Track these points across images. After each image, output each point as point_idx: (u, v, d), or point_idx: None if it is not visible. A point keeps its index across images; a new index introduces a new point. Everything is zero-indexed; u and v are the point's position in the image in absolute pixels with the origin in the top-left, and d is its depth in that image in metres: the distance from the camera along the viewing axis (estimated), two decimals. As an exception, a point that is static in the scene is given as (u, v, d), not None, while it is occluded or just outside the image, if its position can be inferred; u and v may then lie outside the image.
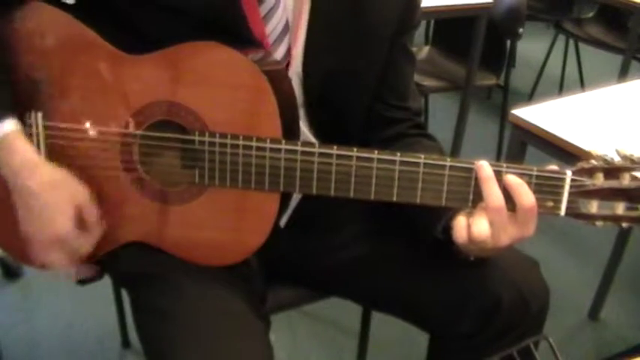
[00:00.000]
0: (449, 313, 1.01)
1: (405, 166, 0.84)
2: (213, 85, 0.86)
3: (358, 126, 1.04)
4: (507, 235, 0.84)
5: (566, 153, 1.27)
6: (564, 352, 0.81)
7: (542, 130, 1.34)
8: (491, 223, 0.83)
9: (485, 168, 0.83)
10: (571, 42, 3.43)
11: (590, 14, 3.40)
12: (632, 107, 1.49)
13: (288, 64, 0.94)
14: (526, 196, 0.82)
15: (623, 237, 1.93)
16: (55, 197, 0.87)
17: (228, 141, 0.86)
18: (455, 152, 2.75)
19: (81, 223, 0.90)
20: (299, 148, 0.85)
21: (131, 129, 0.89)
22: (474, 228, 0.83)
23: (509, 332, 0.97)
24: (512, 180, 0.83)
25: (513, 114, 1.41)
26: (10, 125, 0.86)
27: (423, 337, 1.11)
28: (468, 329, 0.99)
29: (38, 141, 0.91)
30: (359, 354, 1.64)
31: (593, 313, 2.03)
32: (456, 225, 0.86)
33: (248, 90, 0.85)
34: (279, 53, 0.93)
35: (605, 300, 2.02)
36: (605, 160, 0.83)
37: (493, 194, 0.82)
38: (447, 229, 0.90)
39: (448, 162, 0.84)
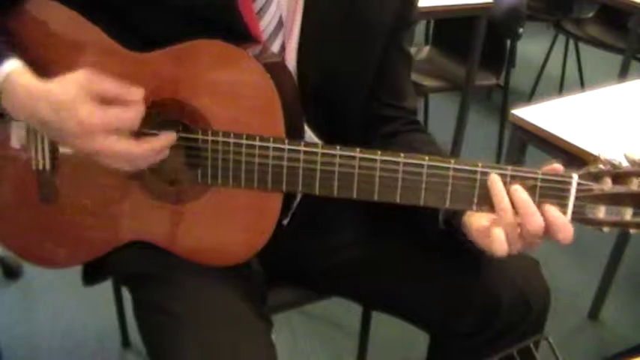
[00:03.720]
0: (449, 313, 1.01)
1: (409, 167, 0.84)
2: (216, 82, 0.86)
3: (355, 123, 1.04)
4: (516, 249, 0.84)
5: (567, 153, 1.27)
6: (564, 352, 0.81)
7: (542, 130, 1.34)
8: (506, 238, 0.82)
9: (497, 183, 0.82)
10: (571, 42, 3.43)
11: (590, 14, 3.40)
12: (632, 107, 1.49)
13: (282, 60, 0.94)
14: (533, 217, 0.81)
15: (623, 237, 1.93)
16: (62, 102, 0.81)
17: (232, 140, 0.86)
18: (455, 152, 2.75)
19: (105, 100, 0.81)
20: (302, 148, 0.85)
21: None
22: (494, 246, 0.83)
23: (509, 332, 0.97)
24: (519, 197, 0.81)
25: (513, 114, 1.41)
26: (12, 64, 0.84)
27: (423, 337, 1.11)
28: (469, 329, 0.99)
29: (42, 140, 0.92)
30: (359, 354, 1.64)
31: (593, 313, 2.03)
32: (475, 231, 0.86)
33: (251, 87, 0.85)
34: (273, 49, 0.93)
35: (605, 300, 2.02)
36: (612, 165, 0.81)
37: (504, 211, 0.81)
38: (448, 221, 0.90)
39: (452, 165, 0.83)
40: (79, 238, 0.97)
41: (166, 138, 0.85)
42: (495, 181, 0.82)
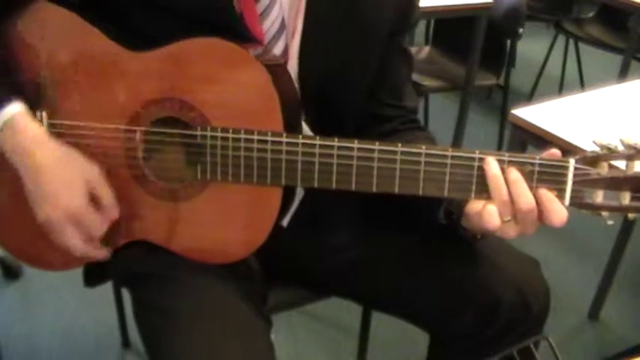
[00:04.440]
0: (449, 313, 1.01)
1: (407, 157, 0.84)
2: (215, 80, 0.86)
3: (355, 123, 1.04)
4: (513, 231, 0.84)
5: (567, 153, 1.27)
6: (564, 352, 0.81)
7: (542, 130, 1.35)
8: (519, 222, 0.83)
9: (491, 165, 0.82)
10: (571, 42, 3.43)
11: (590, 14, 3.40)
12: (632, 107, 1.49)
13: (285, 62, 0.95)
14: (523, 195, 0.81)
15: (623, 237, 1.93)
16: (66, 171, 0.86)
17: (230, 135, 0.86)
18: (455, 152, 2.75)
19: (94, 200, 0.88)
20: (300, 140, 0.85)
21: (135, 126, 0.89)
22: (484, 217, 0.83)
23: (509, 332, 0.97)
24: (512, 175, 0.82)
25: (513, 114, 1.41)
26: (16, 107, 0.85)
27: (423, 337, 1.11)
28: (469, 329, 0.99)
29: None
30: (359, 354, 1.64)
31: (593, 313, 2.03)
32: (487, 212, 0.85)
33: (251, 85, 0.85)
34: (276, 51, 0.94)
35: (605, 300, 2.02)
36: (609, 149, 0.82)
37: (498, 192, 0.82)
38: (449, 214, 0.90)
39: (450, 152, 0.83)
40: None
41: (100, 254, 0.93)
42: (491, 163, 0.82)
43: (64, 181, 0.86)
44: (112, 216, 0.90)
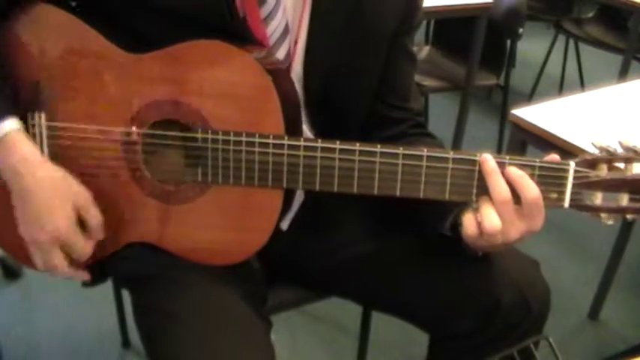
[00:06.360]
0: (449, 313, 1.01)
1: (408, 160, 0.84)
2: (216, 83, 0.86)
3: (359, 126, 1.04)
4: (516, 230, 0.83)
5: (567, 153, 1.27)
6: (564, 352, 0.81)
7: (542, 130, 1.35)
8: (500, 218, 0.82)
9: (489, 161, 0.82)
10: (571, 42, 3.43)
11: (590, 14, 3.40)
12: (632, 107, 1.49)
13: (289, 66, 0.95)
14: (529, 187, 0.82)
15: (623, 237, 1.93)
16: (53, 195, 0.86)
17: (231, 138, 0.86)
18: (455, 152, 2.75)
19: (81, 224, 0.89)
20: (302, 143, 0.85)
21: (134, 128, 0.89)
22: (485, 222, 0.83)
23: (509, 332, 0.97)
24: (514, 172, 0.82)
25: (513, 114, 1.41)
26: (11, 124, 0.85)
27: (423, 337, 1.11)
28: (469, 329, 0.99)
29: (41, 142, 0.91)
30: (359, 354, 1.64)
31: (593, 313, 2.03)
32: (466, 221, 0.85)
33: (251, 88, 0.85)
34: (279, 54, 0.94)
35: (605, 300, 2.02)
36: (608, 152, 0.83)
37: (499, 188, 0.82)
38: (455, 227, 0.90)
39: (451, 155, 0.84)
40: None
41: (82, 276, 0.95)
42: (488, 159, 0.82)
43: (51, 206, 0.86)
44: (97, 238, 0.91)
